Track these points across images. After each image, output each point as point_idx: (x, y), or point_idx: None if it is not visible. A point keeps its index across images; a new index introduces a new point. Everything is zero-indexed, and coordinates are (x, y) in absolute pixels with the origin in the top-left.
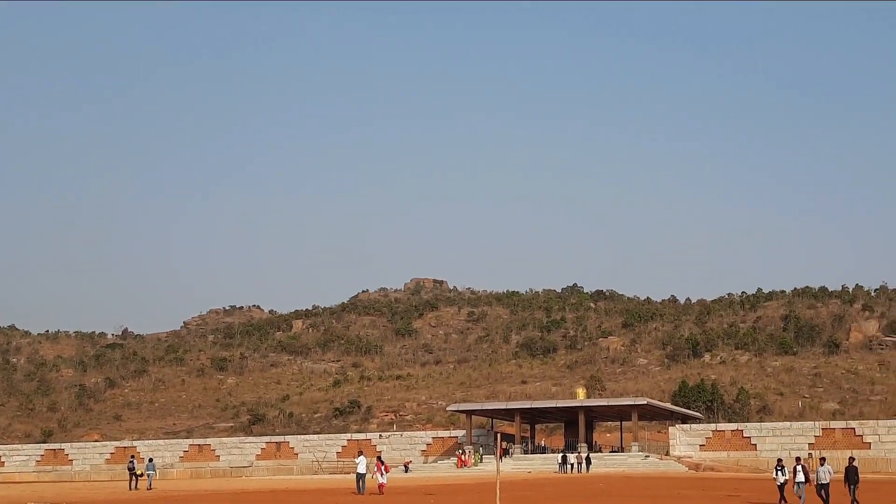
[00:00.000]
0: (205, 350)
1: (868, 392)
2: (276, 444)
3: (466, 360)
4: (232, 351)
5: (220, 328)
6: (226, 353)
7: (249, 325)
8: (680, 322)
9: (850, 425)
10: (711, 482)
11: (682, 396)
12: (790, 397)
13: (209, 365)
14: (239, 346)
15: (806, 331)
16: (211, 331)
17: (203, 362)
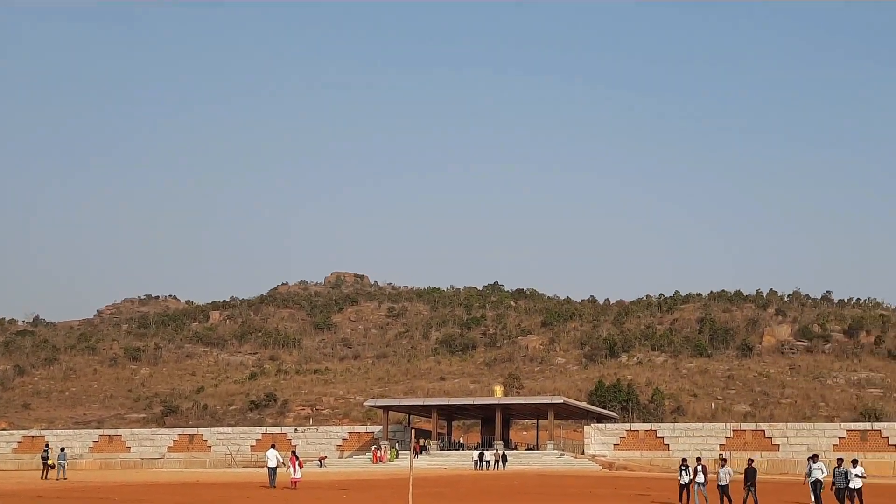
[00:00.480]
0: (118, 339)
1: (779, 395)
2: (188, 437)
3: (385, 355)
4: (146, 341)
5: (135, 318)
6: (140, 343)
7: (165, 315)
8: (598, 322)
9: (760, 427)
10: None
11: (598, 396)
12: (703, 399)
13: (122, 355)
14: (154, 336)
15: (720, 334)
16: (125, 320)
17: (116, 352)
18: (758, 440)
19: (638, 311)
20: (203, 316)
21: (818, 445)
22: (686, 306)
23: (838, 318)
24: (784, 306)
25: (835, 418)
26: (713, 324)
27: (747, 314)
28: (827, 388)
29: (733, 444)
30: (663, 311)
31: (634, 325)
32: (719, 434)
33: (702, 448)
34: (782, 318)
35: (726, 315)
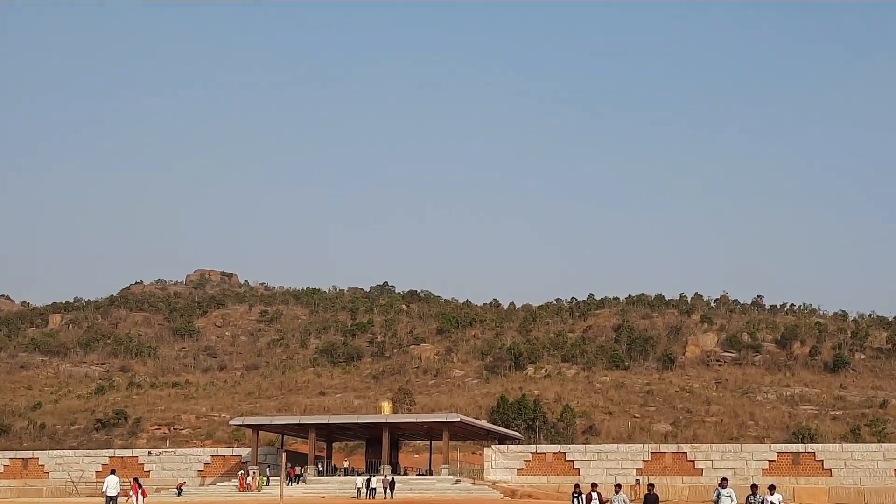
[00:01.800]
0: None
1: (703, 413)
2: (22, 461)
3: (256, 366)
4: None
5: None
6: None
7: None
8: (502, 329)
9: (682, 449)
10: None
11: (500, 413)
12: (620, 417)
13: None
14: None
15: (639, 343)
16: None
17: None
18: (679, 464)
19: (547, 317)
20: (41, 320)
21: (745, 469)
22: (601, 312)
23: (770, 326)
24: (710, 312)
25: (765, 439)
26: (631, 332)
27: (669, 321)
28: (757, 404)
29: (652, 469)
30: (575, 317)
31: (543, 332)
32: (636, 457)
33: (616, 472)
34: (708, 326)
35: (646, 322)
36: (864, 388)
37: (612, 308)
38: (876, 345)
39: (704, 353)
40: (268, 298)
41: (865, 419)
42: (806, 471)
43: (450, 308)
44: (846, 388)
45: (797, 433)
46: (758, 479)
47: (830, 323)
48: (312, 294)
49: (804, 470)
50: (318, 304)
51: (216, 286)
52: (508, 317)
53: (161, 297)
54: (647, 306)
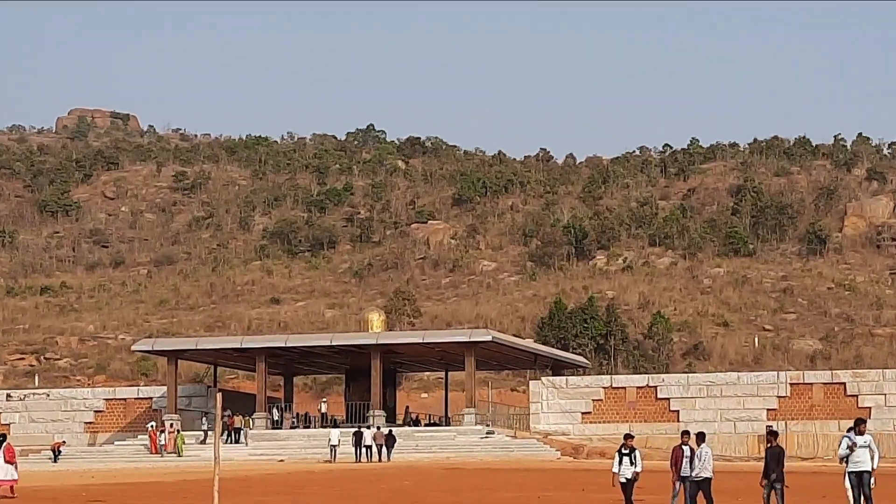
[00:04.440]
0: None
1: (872, 322)
2: None
3: (171, 260)
4: None
5: None
6: None
7: None
8: (555, 197)
9: (839, 378)
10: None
11: (554, 328)
12: (741, 330)
13: None
14: None
15: (771, 215)
16: None
17: None
18: (834, 400)
19: (626, 176)
20: None
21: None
22: (710, 167)
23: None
24: (883, 165)
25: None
26: (758, 197)
27: (818, 179)
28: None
29: (792, 408)
30: (670, 175)
31: (619, 201)
32: (767, 391)
33: (737, 416)
34: (879, 186)
35: (781, 181)
36: None
37: (728, 161)
38: None
39: (874, 228)
40: (186, 154)
41: None
42: None
43: (472, 165)
44: None
45: None
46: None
47: None
48: (256, 146)
49: None
50: (266, 162)
51: (104, 135)
52: (565, 177)
53: (18, 154)
54: (782, 156)
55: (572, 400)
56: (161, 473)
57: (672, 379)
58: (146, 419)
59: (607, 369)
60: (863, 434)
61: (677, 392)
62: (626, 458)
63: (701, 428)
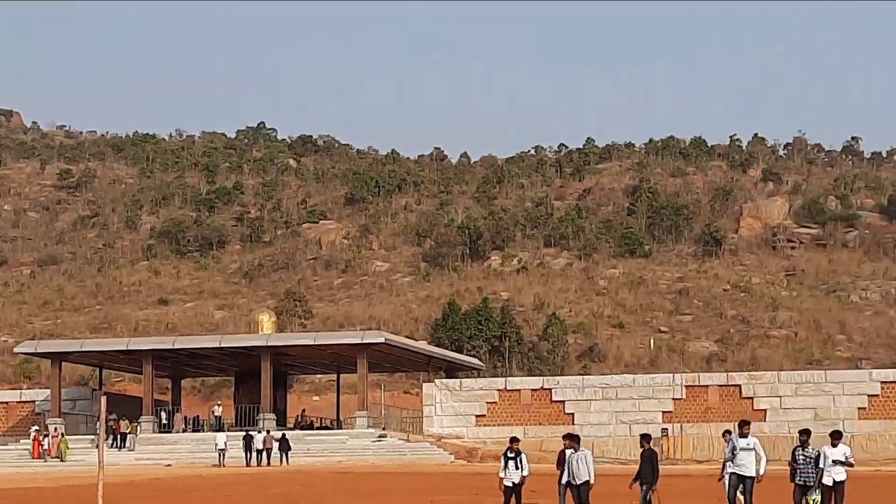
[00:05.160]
0: None
1: (767, 323)
2: None
3: (55, 260)
4: None
5: None
6: None
7: None
8: (449, 197)
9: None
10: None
11: (448, 330)
12: (637, 331)
13: None
14: None
15: (668, 215)
16: None
17: None
18: (729, 402)
19: (520, 174)
20: None
21: (832, 410)
22: (606, 167)
23: (871, 185)
24: (778, 165)
25: (863, 362)
26: (654, 198)
27: (714, 180)
28: (850, 308)
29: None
30: (565, 175)
31: (514, 200)
32: (663, 393)
33: (632, 418)
34: (775, 187)
35: (677, 182)
36: None
37: (624, 161)
38: None
39: (769, 229)
40: (71, 151)
41: None
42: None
43: (365, 164)
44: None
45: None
46: (852, 423)
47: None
48: (143, 143)
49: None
50: (154, 160)
51: None
52: (459, 177)
53: None
54: (678, 157)
55: (466, 403)
56: (44, 479)
57: (567, 381)
58: (29, 423)
59: (502, 371)
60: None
61: (572, 394)
62: (511, 461)
63: (596, 431)
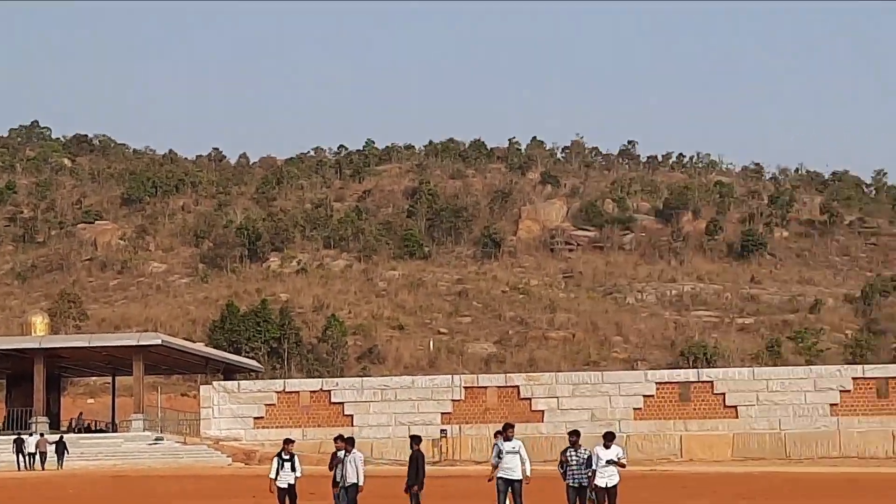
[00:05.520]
0: None
1: (545, 324)
2: None
3: None
4: None
5: None
6: None
7: None
8: (228, 198)
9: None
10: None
11: (227, 332)
12: (416, 333)
13: None
14: None
15: (447, 217)
16: None
17: None
18: (508, 403)
19: (300, 176)
20: None
21: (609, 410)
22: (386, 168)
23: (647, 188)
24: (556, 168)
25: (639, 363)
26: (434, 200)
27: (493, 182)
28: (626, 310)
29: (466, 412)
30: (345, 177)
31: (293, 202)
32: (442, 395)
33: (412, 420)
34: (553, 190)
35: (456, 184)
36: (786, 283)
37: (404, 163)
38: (805, 216)
39: (547, 231)
40: None
41: (788, 329)
42: (700, 410)
43: (142, 164)
44: (760, 283)
45: (687, 353)
46: (627, 423)
47: (738, 183)
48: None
49: (697, 409)
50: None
51: None
52: (238, 177)
53: None
54: (457, 159)
55: (244, 405)
56: None
57: (346, 383)
58: None
59: (281, 373)
60: (511, 440)
61: (351, 396)
62: (286, 463)
63: (375, 433)
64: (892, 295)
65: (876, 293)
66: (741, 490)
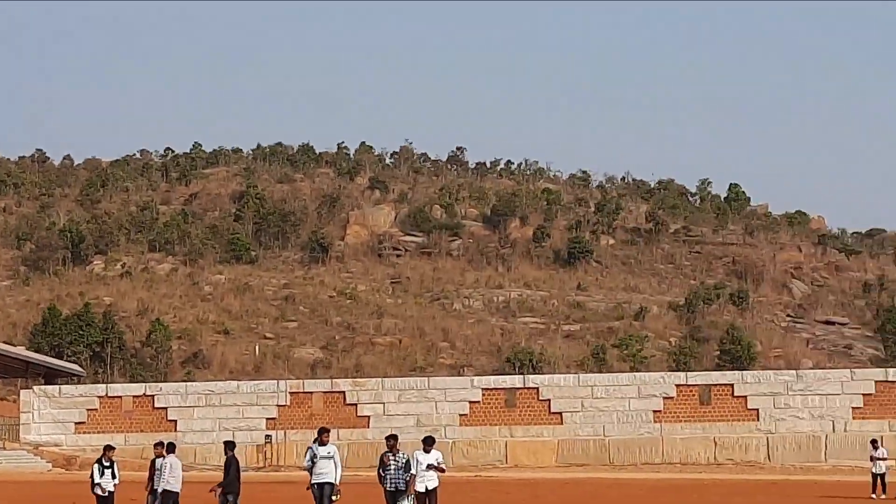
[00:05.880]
0: None
1: (372, 330)
2: None
3: None
4: None
5: None
6: None
7: None
8: (51, 198)
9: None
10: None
11: (48, 336)
12: (242, 337)
13: None
14: None
15: (274, 222)
16: None
17: None
18: (334, 409)
19: (125, 178)
20: None
21: (435, 416)
22: (213, 171)
23: (476, 195)
24: (385, 174)
25: (465, 369)
26: (261, 204)
27: (321, 187)
28: (453, 316)
29: (292, 417)
30: (171, 180)
31: (118, 204)
32: (267, 400)
33: (236, 425)
34: (381, 195)
35: (284, 188)
36: (612, 290)
37: (232, 167)
38: (631, 224)
39: (375, 237)
40: None
41: (613, 336)
42: (525, 417)
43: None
44: (586, 290)
45: (513, 360)
46: (453, 429)
47: (565, 191)
48: None
49: (523, 415)
50: None
51: None
52: (62, 179)
53: None
54: (286, 163)
55: (65, 410)
56: None
57: (170, 388)
58: None
59: (103, 378)
60: (325, 444)
61: (175, 401)
62: (107, 470)
63: (199, 438)
64: (715, 303)
65: (699, 301)
66: (564, 496)
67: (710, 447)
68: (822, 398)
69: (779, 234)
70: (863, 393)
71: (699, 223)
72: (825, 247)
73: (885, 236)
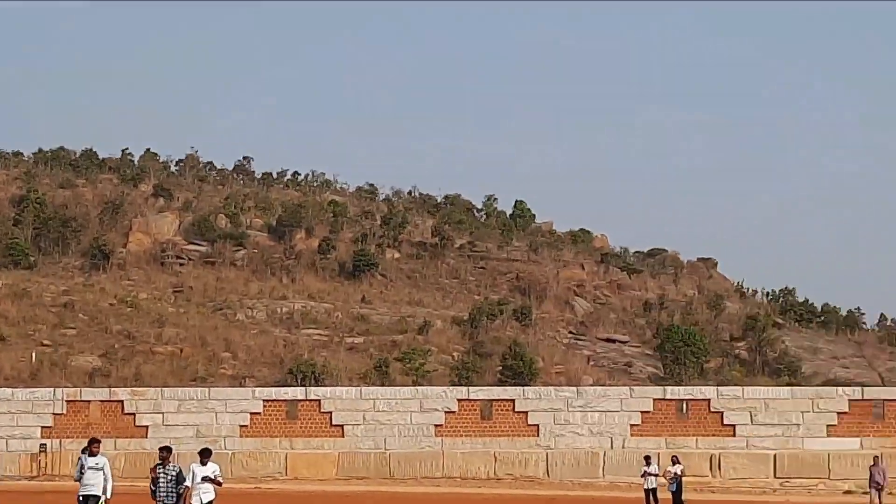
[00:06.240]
0: None
1: (153, 339)
2: None
3: None
4: None
5: None
6: None
7: None
8: None
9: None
10: None
11: None
12: (19, 344)
13: None
14: None
15: (54, 227)
16: None
17: None
18: (111, 418)
19: None
20: None
21: (216, 427)
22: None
23: (262, 205)
24: (169, 181)
25: (247, 380)
26: (41, 209)
27: (103, 193)
28: (237, 327)
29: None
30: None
31: None
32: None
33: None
34: (165, 203)
35: (65, 193)
36: (396, 304)
37: (11, 170)
38: (417, 238)
39: (158, 244)
40: None
41: (397, 350)
42: (306, 429)
43: None
44: (371, 304)
45: (296, 371)
46: (233, 440)
47: (352, 203)
48: None
49: (304, 427)
50: None
51: None
52: None
53: None
54: (68, 168)
55: None
56: None
57: None
58: None
59: None
60: (95, 455)
61: None
62: None
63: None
64: (499, 318)
65: (483, 316)
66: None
67: (491, 462)
68: (602, 415)
69: (562, 251)
70: (641, 410)
71: (484, 239)
72: (608, 265)
73: (665, 256)
